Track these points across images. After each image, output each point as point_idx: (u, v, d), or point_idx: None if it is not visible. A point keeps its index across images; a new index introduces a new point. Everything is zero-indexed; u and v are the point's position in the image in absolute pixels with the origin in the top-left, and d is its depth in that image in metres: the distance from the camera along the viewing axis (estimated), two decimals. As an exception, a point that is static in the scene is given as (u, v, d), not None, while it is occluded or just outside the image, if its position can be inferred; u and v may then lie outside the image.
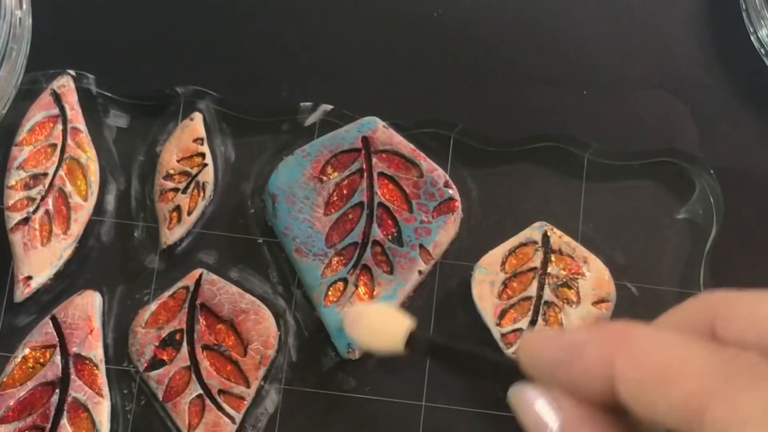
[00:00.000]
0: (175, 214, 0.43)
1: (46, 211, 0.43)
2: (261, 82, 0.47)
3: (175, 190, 0.44)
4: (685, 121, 0.47)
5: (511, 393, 0.27)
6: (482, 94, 0.47)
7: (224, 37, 0.47)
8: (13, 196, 0.43)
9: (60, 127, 0.44)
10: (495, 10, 0.49)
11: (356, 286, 0.42)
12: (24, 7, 0.39)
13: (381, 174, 0.44)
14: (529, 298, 0.43)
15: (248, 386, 0.41)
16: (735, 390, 0.20)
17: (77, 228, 0.43)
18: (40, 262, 0.42)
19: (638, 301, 0.44)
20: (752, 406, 0.19)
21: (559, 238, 0.43)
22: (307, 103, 0.45)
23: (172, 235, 0.43)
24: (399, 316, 0.34)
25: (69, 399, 0.41)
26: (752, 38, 0.48)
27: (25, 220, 0.42)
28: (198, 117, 0.45)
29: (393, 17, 0.48)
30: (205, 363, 0.42)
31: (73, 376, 0.41)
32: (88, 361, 0.41)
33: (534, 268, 0.43)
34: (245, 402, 0.41)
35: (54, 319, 0.42)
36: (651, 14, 0.49)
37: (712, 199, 0.45)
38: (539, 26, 0.49)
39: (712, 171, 0.45)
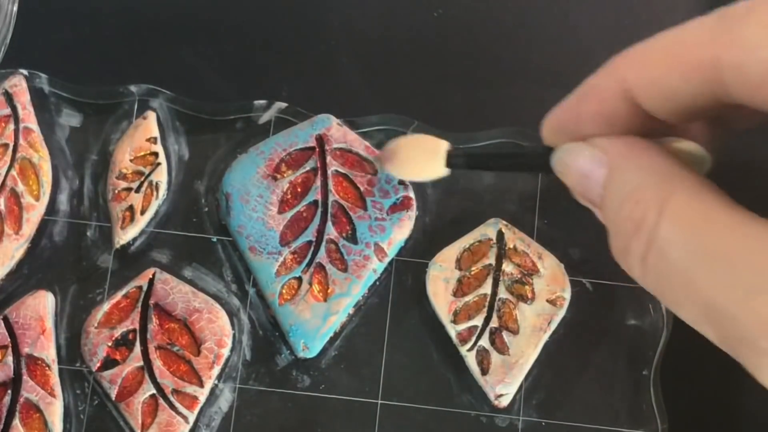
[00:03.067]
0: (128, 213, 0.43)
1: (-2, 211, 0.43)
2: (215, 80, 0.46)
3: (129, 189, 0.43)
4: None
5: (555, 159, 0.28)
6: (437, 91, 0.47)
7: (178, 34, 0.47)
8: (-36, 197, 0.43)
9: (12, 126, 0.44)
10: (453, 6, 0.49)
11: (310, 284, 0.42)
12: None
13: (335, 172, 0.43)
14: (484, 295, 0.43)
15: (202, 385, 0.41)
16: None
17: (29, 228, 0.43)
18: (-9, 263, 0.42)
19: (593, 296, 0.44)
20: None
21: (513, 234, 0.43)
22: (261, 101, 0.45)
23: (125, 234, 0.43)
24: (432, 141, 0.37)
25: (21, 399, 0.41)
26: None
27: (-23, 221, 0.42)
28: (151, 116, 0.44)
29: (342, 14, 0.48)
30: (158, 362, 0.41)
31: (25, 377, 0.41)
32: (40, 362, 0.41)
33: (489, 265, 0.43)
34: (199, 401, 0.41)
35: (6, 320, 0.42)
36: (651, 14, 0.49)
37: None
38: (520, 23, 0.48)
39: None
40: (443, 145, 0.37)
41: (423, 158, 0.38)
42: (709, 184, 0.23)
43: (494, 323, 0.42)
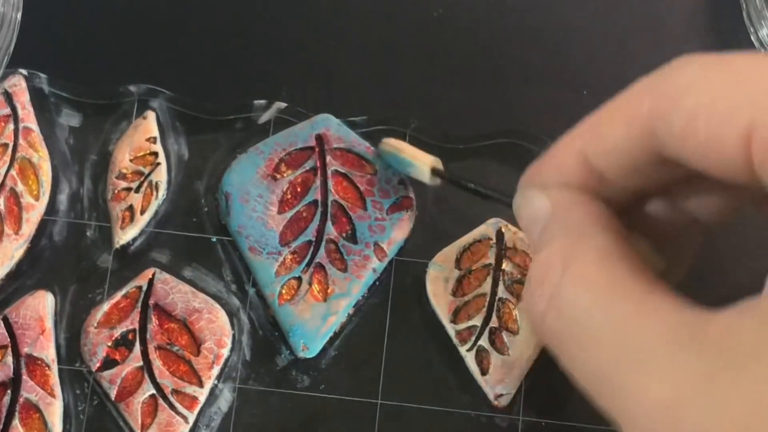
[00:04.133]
0: (127, 213, 0.43)
1: (-2, 211, 0.43)
2: (215, 80, 0.47)
3: (128, 189, 0.43)
4: None
5: (514, 202, 0.28)
6: (437, 91, 0.47)
7: (178, 34, 0.47)
8: (-36, 197, 0.43)
9: (11, 126, 0.44)
10: (453, 6, 0.49)
11: (310, 284, 0.42)
12: (11, 1, 0.38)
13: (335, 172, 0.43)
14: (483, 294, 0.43)
15: (201, 385, 0.41)
16: None
17: (29, 228, 0.43)
18: (-9, 263, 0.42)
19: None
20: None
21: (513, 234, 0.43)
22: (261, 101, 0.45)
23: (125, 234, 0.43)
24: (426, 155, 0.41)
25: (21, 400, 0.41)
26: (752, 38, 0.48)
27: (-24, 221, 0.42)
28: (151, 116, 0.44)
29: (342, 14, 0.48)
30: (157, 362, 0.41)
31: (24, 377, 0.41)
32: (40, 362, 0.41)
33: (488, 265, 0.43)
34: (198, 401, 0.41)
35: (5, 320, 0.41)
36: (651, 14, 0.49)
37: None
38: (520, 23, 0.49)
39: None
40: (435, 160, 0.40)
41: (418, 155, 0.41)
42: (624, 251, 0.22)
43: (494, 323, 0.42)
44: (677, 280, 0.27)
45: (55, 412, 0.41)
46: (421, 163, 0.40)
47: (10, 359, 0.41)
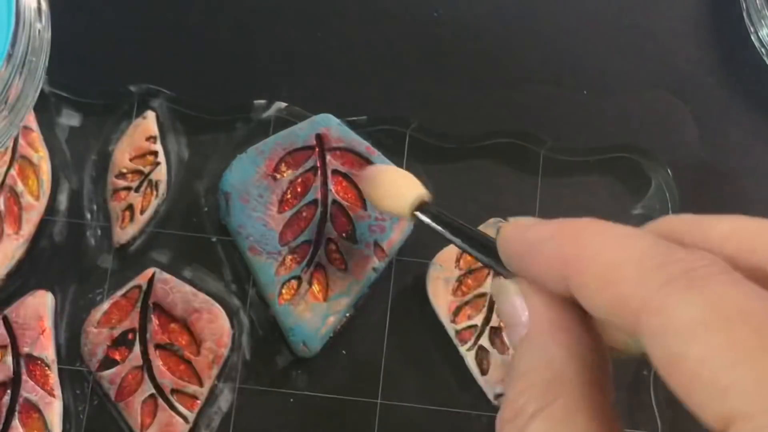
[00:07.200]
0: (127, 213, 0.43)
1: (-2, 211, 0.43)
2: (215, 80, 0.46)
3: (128, 188, 0.43)
4: (685, 121, 0.47)
5: (493, 284, 0.27)
6: (437, 92, 0.47)
7: (178, 34, 0.47)
8: (-36, 196, 0.43)
9: (11, 126, 0.44)
10: (453, 6, 0.49)
11: (310, 284, 0.42)
12: (43, 20, 0.39)
13: (335, 171, 0.43)
14: (483, 294, 0.43)
15: (201, 385, 0.41)
16: (668, 297, 0.19)
17: (29, 228, 0.43)
18: (-9, 263, 0.42)
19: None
20: (686, 314, 0.18)
21: (513, 234, 0.43)
22: (261, 101, 0.45)
23: (124, 234, 0.43)
24: (414, 184, 0.36)
25: (20, 399, 0.41)
26: (752, 38, 0.48)
27: (-24, 221, 0.42)
28: (151, 115, 0.44)
29: (342, 14, 0.48)
30: (157, 362, 0.41)
31: (24, 377, 0.41)
32: (39, 362, 0.41)
33: (489, 265, 0.43)
34: (198, 401, 0.41)
35: (5, 320, 0.41)
36: (651, 14, 0.49)
37: (668, 195, 0.45)
38: (520, 23, 0.48)
39: (668, 167, 0.45)
40: (422, 193, 0.35)
41: (393, 196, 0.36)
42: (596, 401, 0.22)
43: (494, 323, 0.42)
44: None
45: (54, 412, 0.41)
46: (399, 206, 0.36)
47: (9, 359, 0.41)
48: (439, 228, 0.33)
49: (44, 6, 0.39)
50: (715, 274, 0.19)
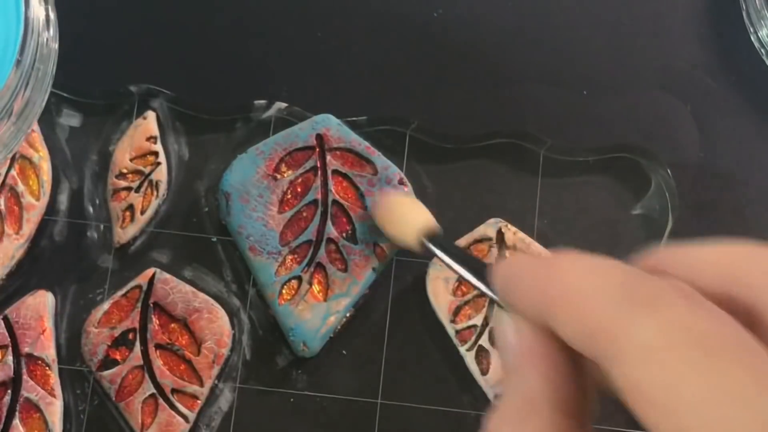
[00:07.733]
0: (128, 213, 0.43)
1: (-2, 211, 0.43)
2: (215, 80, 0.46)
3: (128, 189, 0.43)
4: (685, 121, 0.47)
5: (494, 316, 0.28)
6: (437, 92, 0.47)
7: (178, 34, 0.47)
8: (-36, 197, 0.43)
9: (12, 126, 0.44)
10: (453, 6, 0.49)
11: (310, 284, 0.42)
12: (51, 30, 0.40)
13: (335, 171, 0.44)
14: (483, 294, 0.43)
15: (202, 385, 0.41)
16: (626, 322, 0.19)
17: (29, 228, 0.43)
18: (-9, 263, 0.42)
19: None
20: (639, 338, 0.18)
21: (513, 234, 0.43)
22: (261, 101, 0.45)
23: (125, 234, 0.43)
24: (422, 214, 0.39)
25: (21, 399, 0.41)
26: (752, 38, 0.48)
27: (-23, 221, 0.42)
28: (151, 115, 0.45)
29: (342, 14, 0.48)
30: (158, 362, 0.41)
31: (25, 377, 0.41)
32: (40, 362, 0.41)
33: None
34: (199, 401, 0.41)
35: (6, 320, 0.42)
36: (651, 14, 0.49)
37: (668, 195, 0.45)
38: (520, 23, 0.48)
39: (668, 167, 0.45)
40: (422, 226, 0.38)
41: (401, 225, 0.39)
42: (567, 426, 0.22)
43: (494, 317, 0.42)
44: None
45: (55, 412, 0.41)
46: (406, 236, 0.38)
47: (10, 359, 0.41)
48: (445, 258, 0.35)
49: (52, 16, 0.40)
50: (675, 299, 0.19)
